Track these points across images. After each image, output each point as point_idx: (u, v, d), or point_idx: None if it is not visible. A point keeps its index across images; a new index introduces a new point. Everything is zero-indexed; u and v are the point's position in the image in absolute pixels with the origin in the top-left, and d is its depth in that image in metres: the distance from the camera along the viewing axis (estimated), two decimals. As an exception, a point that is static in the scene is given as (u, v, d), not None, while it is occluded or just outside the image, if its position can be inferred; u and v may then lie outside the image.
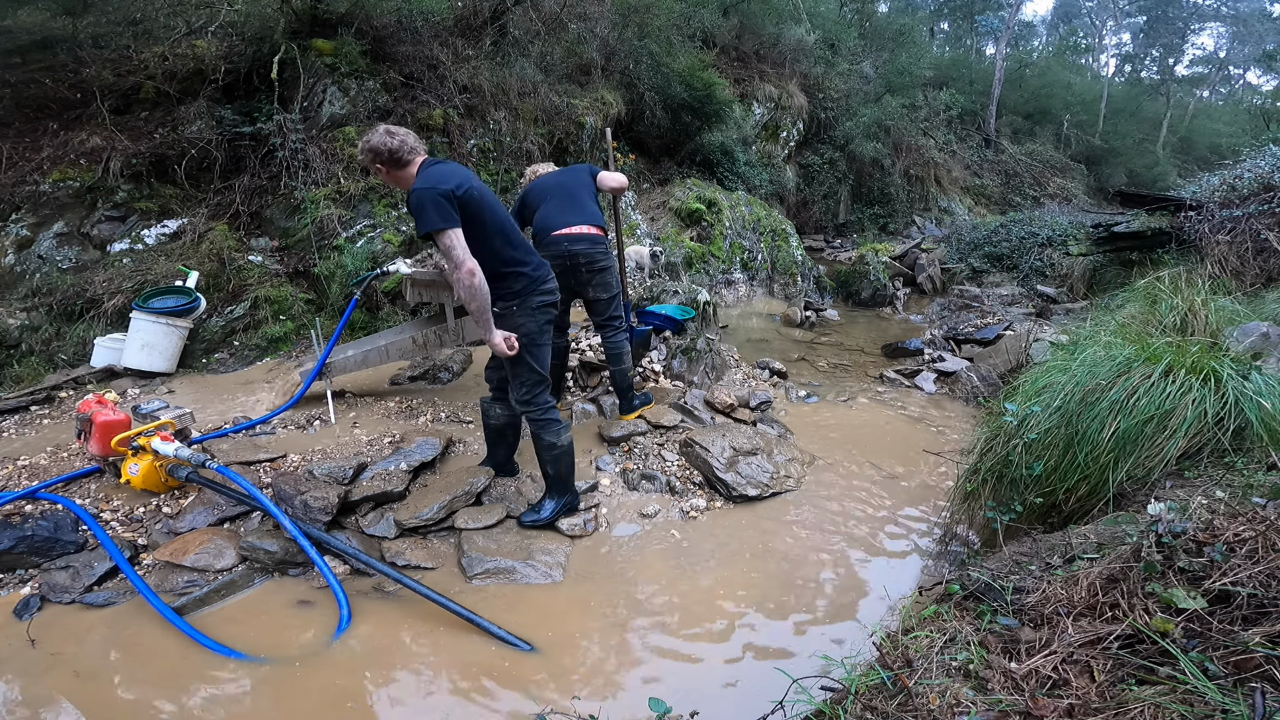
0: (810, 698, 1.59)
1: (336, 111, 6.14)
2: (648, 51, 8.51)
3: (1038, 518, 2.62)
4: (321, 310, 5.38)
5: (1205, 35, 28.42)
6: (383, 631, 2.40)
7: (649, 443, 3.72)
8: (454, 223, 2.47)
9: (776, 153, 11.68)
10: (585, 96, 7.81)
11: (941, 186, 14.05)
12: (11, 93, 5.47)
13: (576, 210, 3.61)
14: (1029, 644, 1.52)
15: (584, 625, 2.47)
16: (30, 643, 2.29)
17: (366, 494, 3.00)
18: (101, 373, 4.57)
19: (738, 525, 3.14)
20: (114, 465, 3.08)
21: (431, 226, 2.45)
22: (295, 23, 6.16)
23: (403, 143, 2.57)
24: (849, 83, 13.47)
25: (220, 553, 2.71)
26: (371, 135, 2.58)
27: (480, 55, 6.99)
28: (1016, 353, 5.12)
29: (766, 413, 4.31)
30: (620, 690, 2.18)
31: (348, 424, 3.86)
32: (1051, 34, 30.08)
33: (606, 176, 3.75)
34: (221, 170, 5.73)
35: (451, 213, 2.47)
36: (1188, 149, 22.19)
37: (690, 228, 7.88)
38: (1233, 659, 1.29)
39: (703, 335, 5.08)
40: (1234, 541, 1.56)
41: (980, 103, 16.98)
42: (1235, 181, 7.24)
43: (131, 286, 4.91)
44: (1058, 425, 2.59)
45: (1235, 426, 2.39)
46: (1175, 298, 3.42)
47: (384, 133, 2.57)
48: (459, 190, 2.50)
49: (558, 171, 3.91)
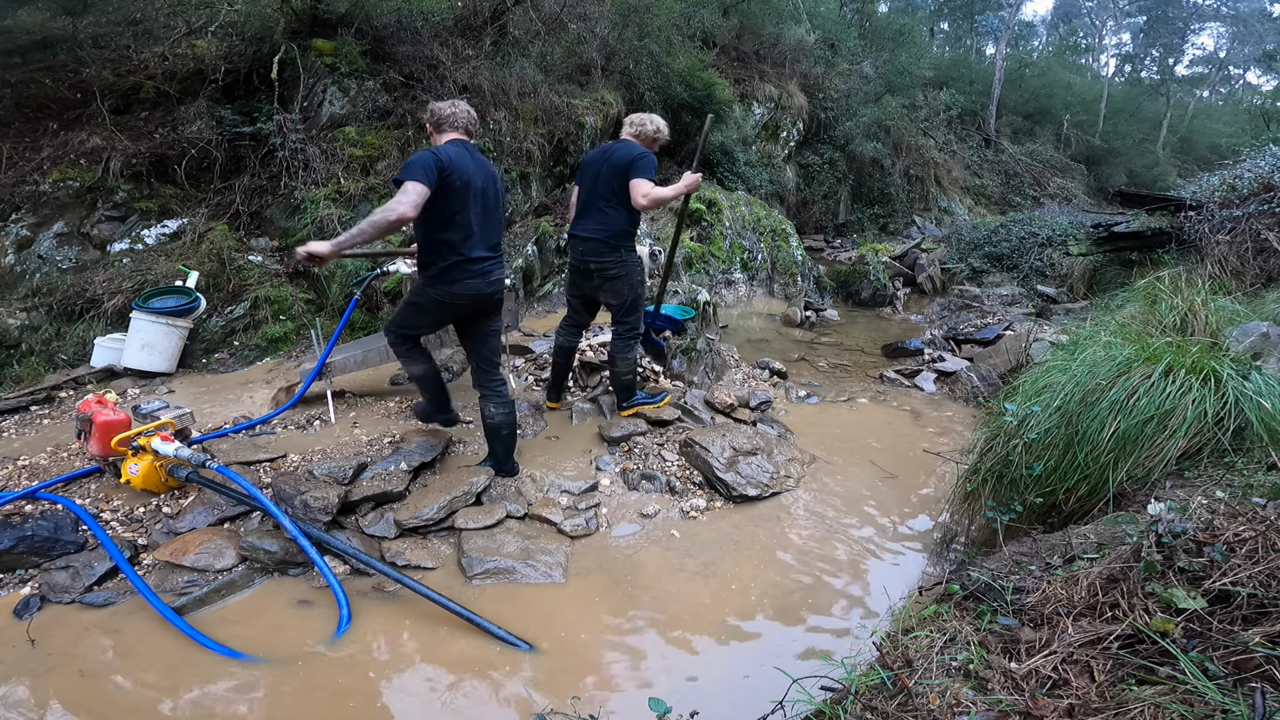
0: (810, 698, 1.59)
1: (336, 111, 6.14)
2: (648, 51, 8.52)
3: (1038, 518, 2.62)
4: (321, 310, 5.38)
5: (1205, 35, 28.44)
6: (383, 631, 2.40)
7: (649, 443, 3.72)
8: (424, 181, 2.61)
9: (776, 153, 11.67)
10: (585, 96, 7.81)
11: (941, 186, 14.05)
12: (11, 93, 5.47)
13: (591, 210, 3.50)
14: (1029, 644, 1.52)
15: (584, 625, 2.47)
16: (30, 643, 2.29)
17: (366, 494, 3.00)
18: (101, 373, 4.57)
19: (738, 525, 3.14)
20: (114, 465, 3.08)
21: (403, 175, 2.63)
22: (295, 23, 6.16)
23: (453, 114, 2.89)
24: (849, 83, 13.47)
25: (220, 553, 2.71)
26: (442, 99, 3.00)
27: (480, 55, 6.99)
28: (1016, 353, 5.11)
29: (766, 413, 4.31)
30: (620, 690, 2.18)
31: (348, 424, 3.86)
32: (1051, 34, 30.08)
33: (638, 186, 3.25)
34: (221, 170, 5.73)
35: (430, 175, 2.63)
36: (1188, 149, 22.20)
37: (690, 228, 7.88)
38: (1233, 659, 1.29)
39: (703, 335, 5.08)
40: (1234, 541, 1.56)
41: (980, 103, 16.98)
42: (1235, 181, 7.24)
43: (131, 286, 4.91)
44: (1058, 425, 2.59)
45: (1235, 426, 2.39)
46: (1175, 298, 3.43)
47: (449, 101, 2.95)
48: (446, 162, 2.71)
49: (601, 150, 3.56)
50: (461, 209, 2.80)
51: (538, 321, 6.05)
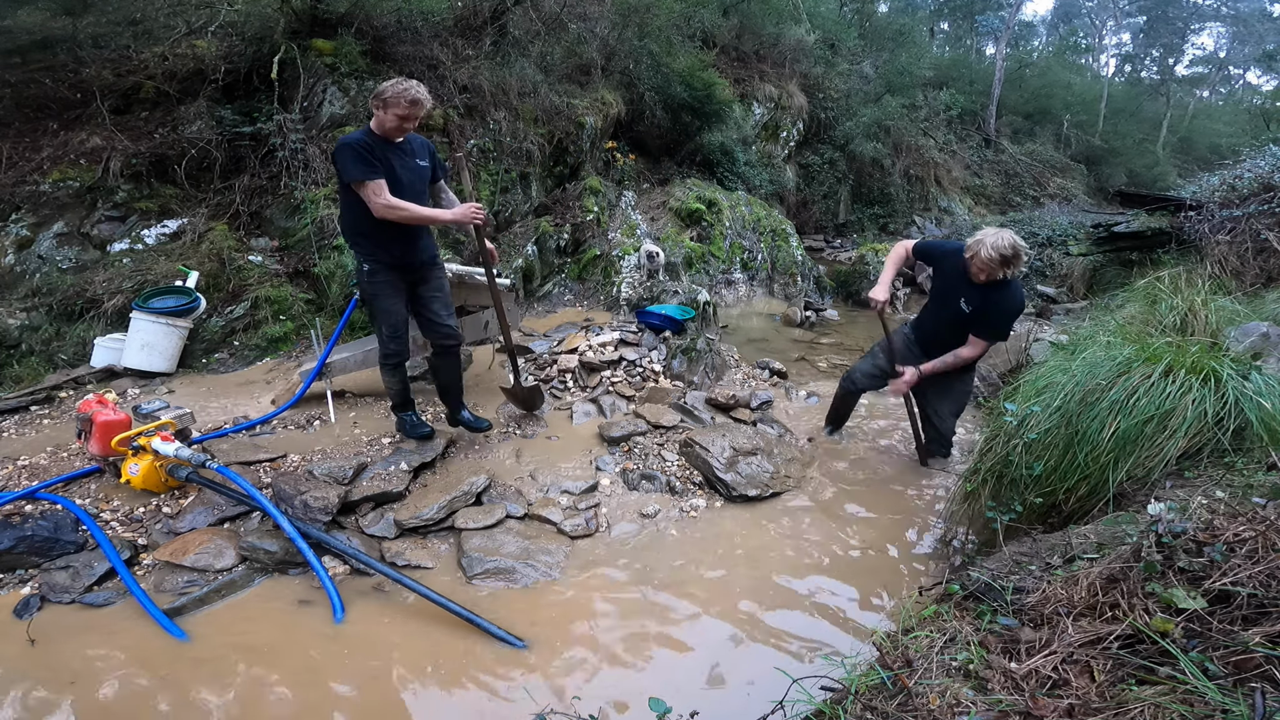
0: (810, 698, 1.59)
1: (336, 111, 6.13)
2: (648, 51, 8.51)
3: (1038, 518, 2.62)
4: (321, 310, 5.37)
5: (1205, 35, 28.43)
6: (382, 631, 2.40)
7: (649, 443, 3.72)
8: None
9: (776, 153, 11.67)
10: (585, 96, 7.80)
11: (941, 186, 14.04)
12: (11, 93, 5.47)
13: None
14: (1029, 644, 1.52)
15: (584, 625, 2.47)
16: (30, 643, 2.29)
17: (366, 494, 3.00)
18: (101, 373, 4.57)
19: (738, 525, 3.14)
20: (114, 465, 3.08)
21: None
22: (295, 23, 6.15)
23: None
24: (849, 83, 13.46)
25: (220, 553, 2.71)
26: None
27: (480, 55, 6.99)
28: (1016, 353, 5.12)
29: (767, 413, 4.31)
30: (620, 690, 2.18)
31: (348, 424, 3.86)
32: (1051, 34, 30.06)
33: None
34: (221, 170, 5.72)
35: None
36: (1188, 149, 22.18)
37: (690, 228, 7.88)
38: (1233, 659, 1.29)
39: (703, 335, 5.08)
40: (1234, 541, 1.56)
41: (980, 103, 16.97)
42: (1235, 181, 7.24)
43: (131, 286, 4.90)
44: (1058, 425, 2.59)
45: (1235, 426, 2.39)
46: (1175, 298, 3.43)
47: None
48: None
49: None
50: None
51: (537, 321, 6.06)
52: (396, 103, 2.93)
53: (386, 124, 2.99)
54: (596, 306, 6.45)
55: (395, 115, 2.95)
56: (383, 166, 2.98)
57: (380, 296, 3.22)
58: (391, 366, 3.41)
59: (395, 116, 2.95)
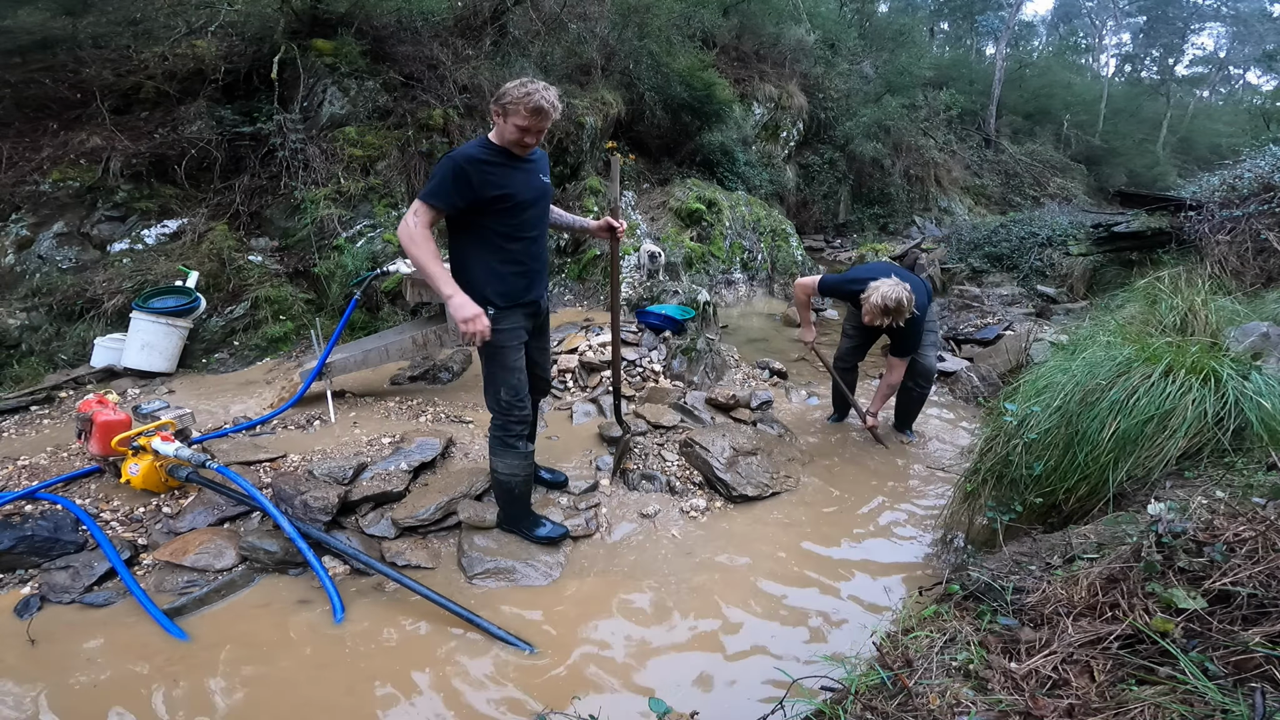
0: (810, 698, 1.59)
1: (336, 111, 6.14)
2: (648, 51, 8.51)
3: (1038, 518, 2.62)
4: (321, 310, 5.38)
5: (1205, 35, 28.45)
6: (382, 631, 2.40)
7: (649, 443, 3.72)
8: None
9: (776, 153, 11.67)
10: (585, 96, 7.80)
11: (941, 186, 14.05)
12: (11, 93, 5.47)
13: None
14: (1029, 644, 1.52)
15: (584, 625, 2.47)
16: (30, 643, 2.29)
17: (366, 494, 3.00)
18: (101, 373, 4.57)
19: (738, 525, 3.14)
20: (114, 465, 3.08)
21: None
22: (295, 23, 6.16)
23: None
24: (849, 83, 13.47)
25: (220, 553, 2.70)
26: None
27: (480, 55, 6.99)
28: (1016, 353, 5.11)
29: (767, 413, 4.31)
30: (620, 690, 2.18)
31: (348, 424, 3.86)
32: (1051, 34, 30.07)
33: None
34: (221, 170, 5.73)
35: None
36: (1188, 149, 22.20)
37: (690, 228, 7.88)
38: (1233, 659, 1.29)
39: (703, 335, 5.08)
40: (1234, 541, 1.56)
41: (980, 103, 16.98)
42: (1235, 181, 7.23)
43: (131, 286, 4.91)
44: (1058, 425, 2.59)
45: (1235, 426, 2.39)
46: (1175, 298, 3.42)
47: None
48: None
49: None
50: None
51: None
52: (517, 110, 2.34)
53: (507, 135, 2.41)
54: (596, 306, 6.45)
55: (515, 126, 2.37)
56: (500, 186, 2.44)
57: (509, 349, 2.60)
58: (513, 440, 2.69)
59: (515, 128, 2.37)
